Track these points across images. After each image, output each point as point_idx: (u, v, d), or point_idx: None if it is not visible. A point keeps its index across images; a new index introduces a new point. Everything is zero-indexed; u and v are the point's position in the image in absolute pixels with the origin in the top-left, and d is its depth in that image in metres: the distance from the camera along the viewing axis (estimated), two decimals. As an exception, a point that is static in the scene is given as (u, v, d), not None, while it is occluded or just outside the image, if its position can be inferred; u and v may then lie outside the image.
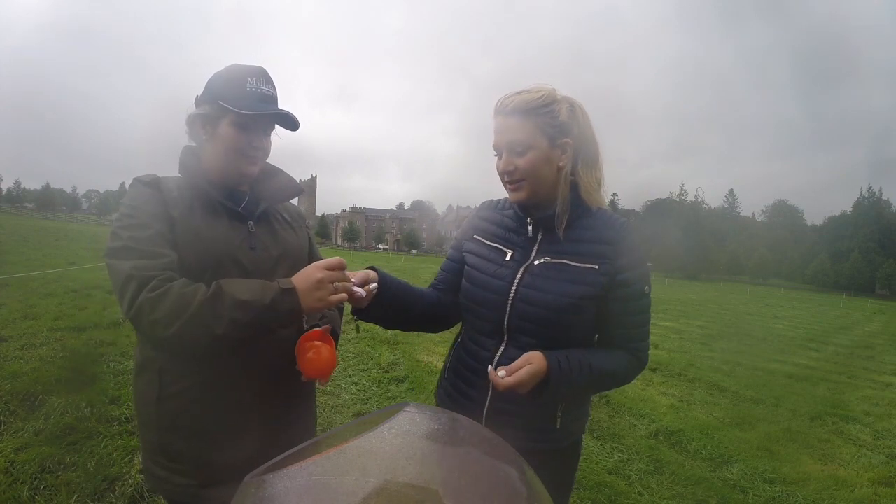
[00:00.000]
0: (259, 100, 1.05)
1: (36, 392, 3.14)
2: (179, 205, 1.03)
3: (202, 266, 1.00)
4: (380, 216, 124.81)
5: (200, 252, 1.01)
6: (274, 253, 1.11)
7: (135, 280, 0.91)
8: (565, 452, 1.13)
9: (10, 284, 7.43)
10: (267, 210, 1.15)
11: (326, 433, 0.63)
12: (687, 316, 13.86)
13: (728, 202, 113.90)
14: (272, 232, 1.14)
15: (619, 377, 1.05)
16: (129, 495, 2.21)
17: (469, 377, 1.13)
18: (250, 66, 1.07)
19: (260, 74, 1.07)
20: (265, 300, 0.92)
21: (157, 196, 1.03)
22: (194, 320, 0.89)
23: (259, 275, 1.05)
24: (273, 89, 1.09)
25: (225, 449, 1.04)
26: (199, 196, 1.06)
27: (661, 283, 45.22)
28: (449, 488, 0.50)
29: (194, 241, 1.01)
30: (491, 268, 1.10)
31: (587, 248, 1.05)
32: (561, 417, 1.07)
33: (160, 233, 0.98)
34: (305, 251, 1.23)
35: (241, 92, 1.03)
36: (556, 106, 1.03)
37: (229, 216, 1.08)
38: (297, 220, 1.26)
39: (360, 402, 3.86)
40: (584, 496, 2.68)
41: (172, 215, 1.01)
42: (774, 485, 3.03)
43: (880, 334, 13.80)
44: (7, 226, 28.25)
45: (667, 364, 6.23)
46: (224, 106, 1.03)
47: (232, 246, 1.05)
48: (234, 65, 1.07)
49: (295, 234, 1.20)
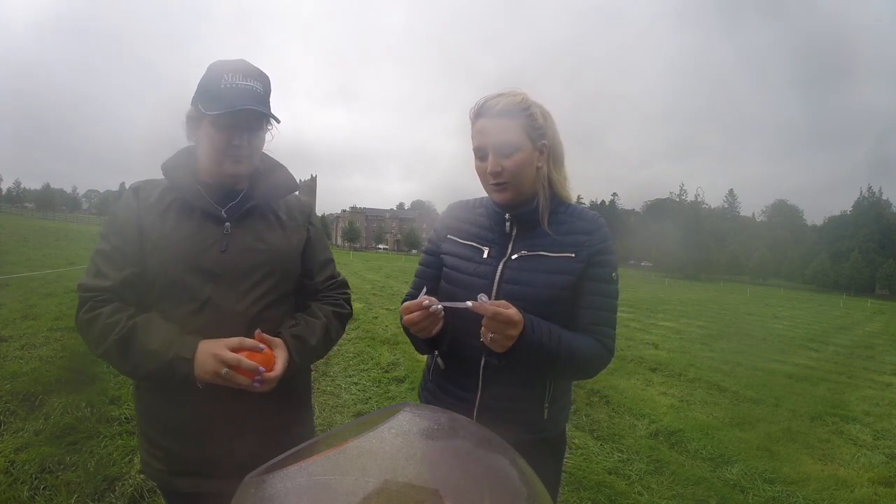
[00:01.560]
0: (236, 96, 1.01)
1: (36, 392, 3.14)
2: (154, 211, 1.04)
3: (166, 273, 1.02)
4: (380, 216, 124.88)
5: (166, 258, 1.02)
6: (250, 255, 1.07)
7: (79, 299, 1.00)
8: (554, 442, 1.17)
9: (10, 284, 7.44)
10: (254, 209, 1.11)
11: (326, 433, 0.63)
12: (687, 316, 13.87)
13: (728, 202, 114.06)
14: (255, 233, 1.10)
15: (585, 358, 1.05)
16: (129, 495, 2.21)
17: (455, 377, 1.14)
18: (231, 61, 1.05)
19: (237, 70, 1.03)
20: (167, 357, 0.95)
21: (131, 205, 1.05)
22: (108, 355, 0.99)
23: (228, 277, 1.05)
24: (255, 82, 1.04)
25: (193, 444, 1.06)
26: (176, 199, 1.06)
27: (661, 282, 45.23)
28: (449, 488, 0.50)
29: (161, 247, 1.02)
30: (470, 266, 1.12)
31: (562, 239, 1.08)
32: (548, 408, 1.11)
33: (117, 248, 1.02)
34: (296, 252, 1.17)
35: (215, 91, 1.01)
36: (533, 109, 1.06)
37: (203, 217, 1.06)
38: (296, 219, 1.19)
39: (360, 402, 3.86)
40: (584, 496, 2.68)
41: (143, 224, 1.03)
42: (774, 485, 3.03)
43: (880, 334, 13.81)
44: (7, 226, 28.27)
45: (667, 364, 6.23)
46: (198, 107, 1.03)
47: (197, 250, 1.03)
48: (215, 62, 1.05)
49: (285, 236, 1.15)
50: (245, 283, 1.06)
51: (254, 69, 1.05)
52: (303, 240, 1.19)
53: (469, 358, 1.10)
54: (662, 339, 8.53)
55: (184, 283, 1.02)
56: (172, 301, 1.03)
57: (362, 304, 9.26)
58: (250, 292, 1.07)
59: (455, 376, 1.15)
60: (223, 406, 1.03)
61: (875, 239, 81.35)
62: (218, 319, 1.03)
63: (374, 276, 18.17)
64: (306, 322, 1.13)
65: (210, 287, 1.03)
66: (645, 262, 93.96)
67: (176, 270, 1.02)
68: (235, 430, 1.06)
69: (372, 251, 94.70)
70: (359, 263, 28.43)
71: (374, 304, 9.72)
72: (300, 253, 1.18)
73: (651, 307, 15.40)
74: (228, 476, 0.77)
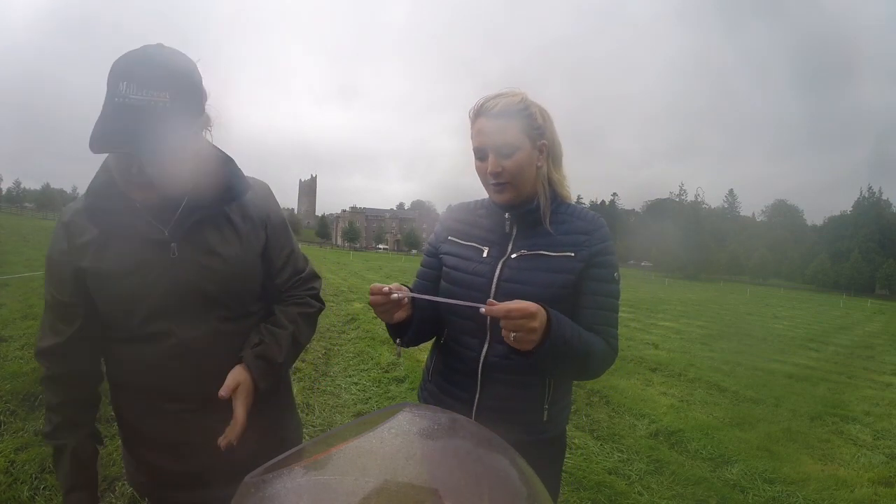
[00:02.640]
0: (120, 119, 0.80)
1: (36, 392, 3.13)
2: (87, 251, 0.94)
3: (115, 314, 0.96)
4: (380, 216, 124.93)
5: (111, 299, 0.95)
6: (204, 276, 0.97)
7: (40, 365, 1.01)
8: (553, 443, 1.17)
9: (10, 284, 7.44)
10: (202, 221, 0.97)
11: (326, 433, 0.63)
12: (687, 316, 13.87)
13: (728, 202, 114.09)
14: (206, 248, 0.98)
15: (596, 356, 1.04)
16: (129, 495, 2.20)
17: (455, 378, 1.15)
18: (137, 55, 0.84)
19: (135, 75, 0.81)
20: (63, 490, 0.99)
21: (63, 247, 0.95)
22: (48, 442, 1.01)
23: (183, 306, 0.96)
24: (157, 93, 0.82)
25: (169, 457, 1.04)
26: (113, 228, 0.93)
27: (661, 283, 45.22)
28: (449, 488, 0.50)
29: (105, 289, 0.94)
30: (470, 266, 1.12)
31: (562, 238, 1.08)
32: (548, 409, 1.11)
33: (59, 302, 0.97)
34: (254, 260, 1.05)
35: (105, 108, 0.82)
36: (532, 109, 1.07)
37: (143, 245, 0.93)
38: (254, 220, 1.05)
39: (360, 402, 3.86)
40: (584, 496, 2.68)
41: (78, 268, 0.94)
42: (774, 485, 3.03)
43: (880, 334, 13.81)
44: (7, 226, 28.26)
45: (667, 364, 6.23)
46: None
47: (143, 284, 0.93)
48: (124, 55, 0.85)
49: (239, 244, 1.02)
50: (201, 308, 0.98)
51: (161, 69, 0.84)
52: (262, 242, 1.06)
53: (468, 358, 1.11)
54: (662, 339, 8.53)
55: (136, 323, 0.95)
56: (127, 341, 0.98)
57: (362, 304, 9.25)
58: (208, 316, 0.99)
59: (454, 376, 1.15)
60: (206, 420, 1.00)
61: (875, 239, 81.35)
62: (179, 352, 0.96)
63: (374, 277, 18.17)
64: (271, 335, 1.04)
65: (163, 321, 0.95)
66: (645, 262, 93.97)
67: (124, 311, 0.95)
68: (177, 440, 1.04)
69: (372, 251, 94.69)
70: (359, 263, 28.43)
71: (374, 304, 9.69)
72: (258, 258, 1.06)
73: (651, 307, 15.39)
74: (224, 485, 0.77)
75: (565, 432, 1.23)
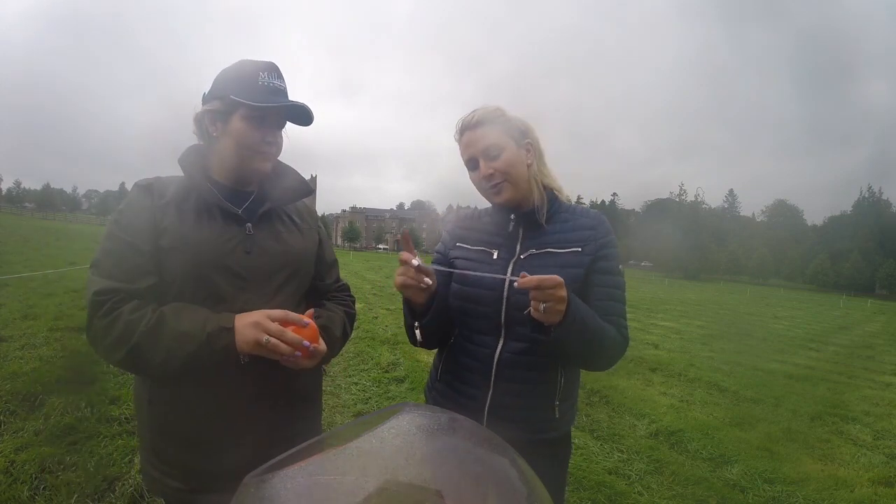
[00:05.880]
0: (271, 94, 1.02)
1: (36, 392, 3.14)
2: (171, 209, 0.99)
3: (189, 274, 0.97)
4: (380, 216, 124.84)
5: (188, 259, 0.97)
6: (274, 257, 1.06)
7: (92, 304, 0.92)
8: (561, 442, 1.19)
9: (10, 284, 7.43)
10: (271, 211, 1.09)
11: (326, 433, 0.63)
12: (687, 316, 13.87)
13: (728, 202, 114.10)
14: (274, 235, 1.08)
15: (609, 342, 1.07)
16: (129, 495, 2.21)
17: (467, 376, 1.16)
18: (261, 61, 1.05)
19: (271, 69, 1.04)
20: (202, 335, 0.91)
21: (146, 203, 0.99)
22: (136, 350, 0.90)
23: (255, 279, 1.02)
24: (284, 84, 1.06)
25: (214, 457, 1.01)
26: (195, 198, 1.01)
27: (661, 282, 45.21)
28: (451, 488, 0.50)
29: (182, 248, 0.97)
30: (481, 268, 1.14)
31: (568, 235, 1.13)
32: (559, 406, 1.13)
33: (134, 247, 0.95)
34: (312, 254, 1.17)
35: (252, 86, 1.00)
36: (509, 115, 1.14)
37: (224, 218, 1.03)
38: (307, 221, 1.19)
39: (360, 402, 3.86)
40: (584, 496, 2.68)
41: (161, 224, 0.97)
42: (774, 485, 3.03)
43: (880, 334, 13.81)
44: (7, 226, 28.27)
45: (667, 364, 6.23)
46: (236, 100, 0.99)
47: (223, 251, 1.00)
48: (243, 60, 1.05)
49: (301, 237, 1.14)
50: (270, 285, 1.05)
51: (280, 71, 1.06)
52: (316, 242, 1.20)
53: (482, 356, 1.13)
54: (662, 339, 8.53)
55: (209, 285, 0.98)
56: (195, 302, 0.98)
57: (362, 304, 9.26)
58: (276, 295, 1.05)
59: (466, 375, 1.16)
60: (240, 410, 1.00)
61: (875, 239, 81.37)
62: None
63: (374, 276, 18.17)
64: (328, 315, 1.13)
65: (237, 289, 1.00)
66: (645, 262, 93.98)
67: (201, 271, 0.98)
68: (228, 438, 1.01)
69: (372, 251, 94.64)
70: (359, 263, 28.42)
71: (375, 304, 9.72)
72: (315, 255, 1.19)
73: (651, 307, 15.39)
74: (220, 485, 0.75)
75: (571, 434, 1.24)
